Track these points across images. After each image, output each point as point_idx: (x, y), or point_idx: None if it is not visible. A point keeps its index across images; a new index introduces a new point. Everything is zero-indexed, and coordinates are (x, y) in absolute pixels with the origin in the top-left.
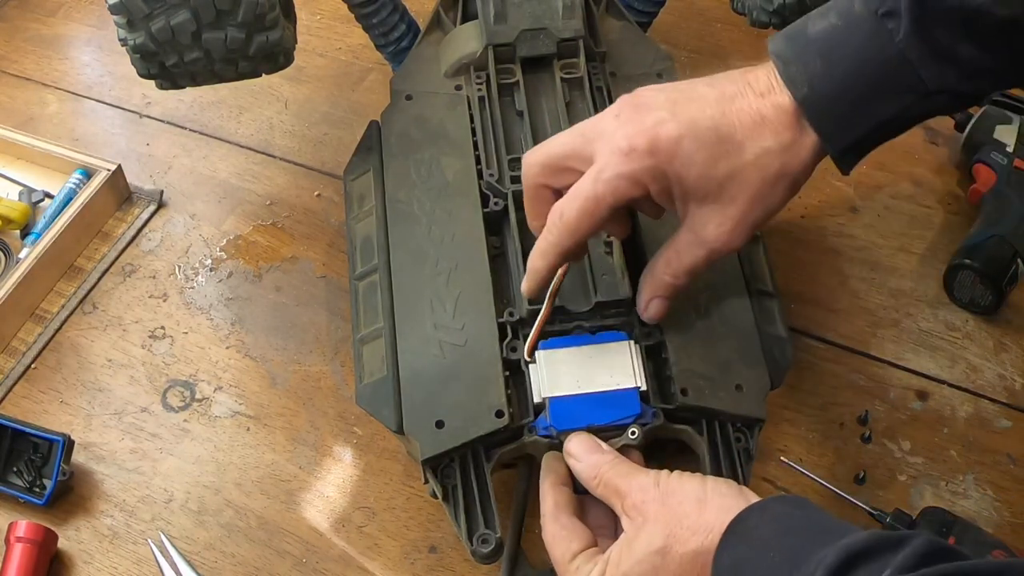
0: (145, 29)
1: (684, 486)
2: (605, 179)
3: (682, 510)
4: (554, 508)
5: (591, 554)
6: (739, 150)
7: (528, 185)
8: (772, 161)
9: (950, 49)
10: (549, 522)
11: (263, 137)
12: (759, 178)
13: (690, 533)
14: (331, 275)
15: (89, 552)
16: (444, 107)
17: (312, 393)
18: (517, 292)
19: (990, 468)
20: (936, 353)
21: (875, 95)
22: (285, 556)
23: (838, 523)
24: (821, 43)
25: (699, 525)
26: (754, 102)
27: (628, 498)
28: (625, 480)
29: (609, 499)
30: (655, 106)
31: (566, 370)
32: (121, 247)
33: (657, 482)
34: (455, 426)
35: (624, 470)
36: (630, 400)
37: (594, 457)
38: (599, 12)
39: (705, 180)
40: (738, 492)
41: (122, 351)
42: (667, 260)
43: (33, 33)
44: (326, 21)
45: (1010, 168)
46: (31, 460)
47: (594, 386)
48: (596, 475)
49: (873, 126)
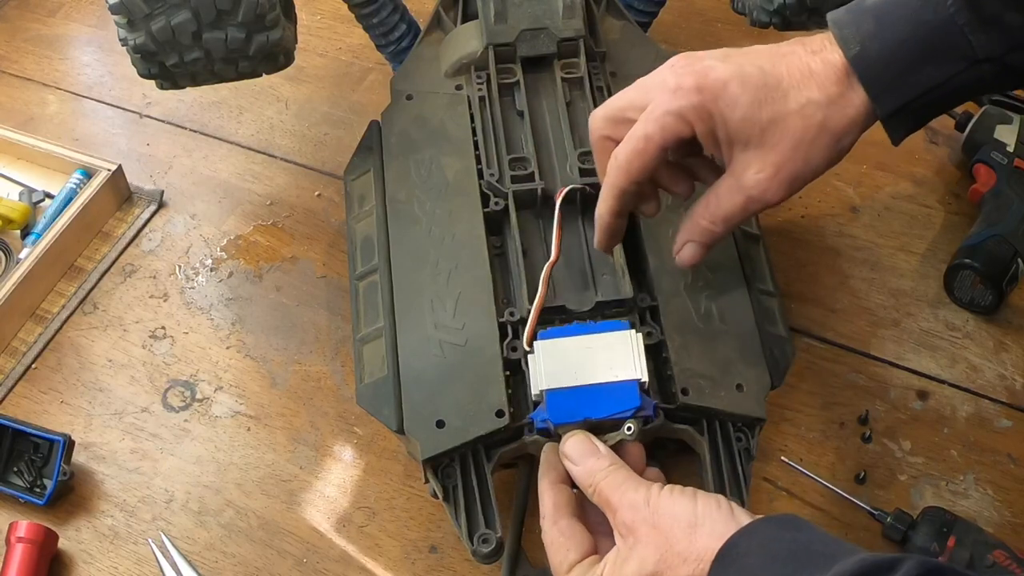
0: (145, 29)
1: (675, 507)
2: (653, 117)
3: (673, 535)
4: (553, 510)
5: (588, 565)
6: (784, 97)
7: (593, 140)
8: (816, 112)
9: (997, 16)
10: (548, 526)
11: (263, 137)
12: (801, 127)
13: (680, 560)
14: (331, 275)
15: (89, 552)
16: (444, 107)
17: (312, 393)
18: (517, 292)
19: (990, 468)
20: (936, 353)
21: (925, 58)
22: (286, 556)
23: (828, 544)
24: (876, 8)
25: (690, 552)
26: (804, 57)
27: (618, 514)
28: (617, 494)
29: (604, 508)
30: (708, 56)
31: (564, 361)
32: (121, 247)
33: (647, 500)
34: (455, 426)
35: (617, 481)
36: (629, 392)
37: (590, 462)
38: (599, 12)
39: (748, 123)
40: (728, 515)
41: (122, 351)
42: (706, 204)
43: (33, 33)
44: (326, 21)
45: (1010, 168)
46: (31, 460)
47: (593, 378)
48: (591, 483)
49: (922, 91)
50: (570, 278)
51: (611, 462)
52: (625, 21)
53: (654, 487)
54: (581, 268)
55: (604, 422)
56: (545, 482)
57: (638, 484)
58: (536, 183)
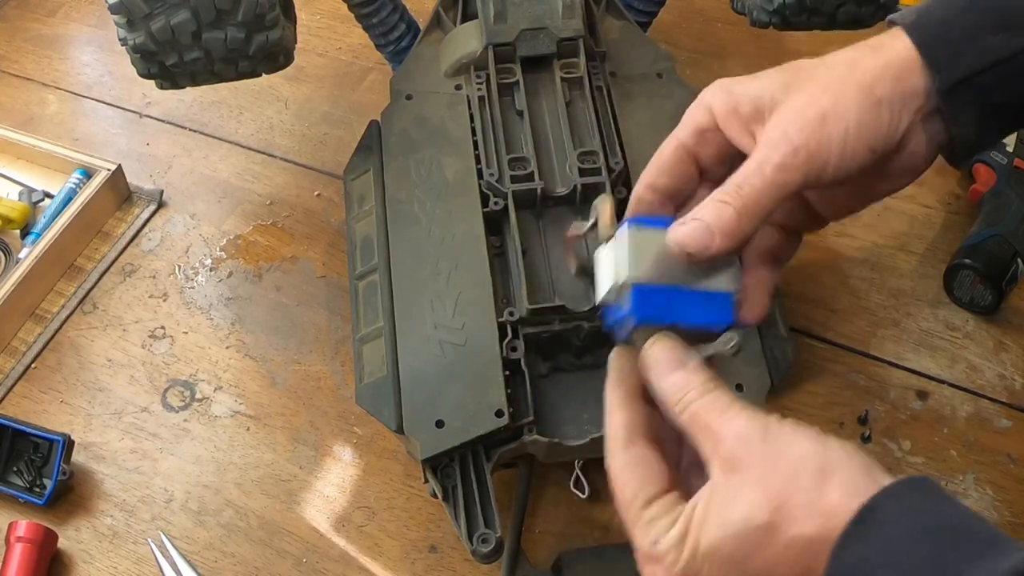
0: (145, 29)
1: (800, 446)
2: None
3: (797, 480)
4: (626, 431)
5: (669, 503)
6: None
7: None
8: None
9: None
10: (618, 450)
11: (263, 137)
12: (826, 72)
13: (805, 513)
14: (331, 275)
15: (89, 552)
16: (444, 107)
17: (312, 393)
18: (517, 292)
19: (990, 468)
20: (936, 353)
21: (989, 25)
22: (285, 556)
23: (981, 525)
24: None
25: (817, 504)
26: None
27: (723, 445)
28: (722, 420)
29: (695, 436)
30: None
31: (652, 255)
32: (121, 247)
33: (765, 433)
34: (455, 426)
35: (721, 404)
36: (723, 305)
37: (680, 376)
38: (599, 12)
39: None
40: (866, 467)
41: (122, 351)
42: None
43: (33, 33)
44: (326, 21)
45: (1010, 168)
46: (31, 460)
47: (684, 280)
48: (681, 401)
49: (986, 64)
50: (570, 278)
51: (710, 377)
52: (625, 21)
53: (772, 417)
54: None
55: (691, 334)
56: (616, 396)
57: (752, 411)
58: (536, 183)
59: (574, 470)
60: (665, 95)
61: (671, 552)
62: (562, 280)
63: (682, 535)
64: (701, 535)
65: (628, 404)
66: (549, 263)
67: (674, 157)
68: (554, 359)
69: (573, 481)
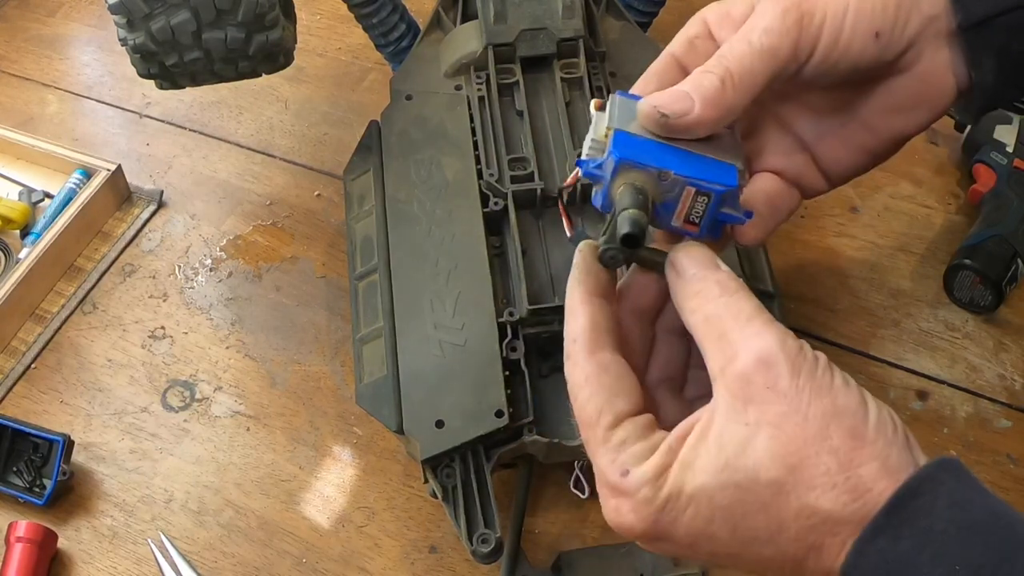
0: (145, 29)
1: (837, 395)
2: None
3: (826, 438)
4: (591, 334)
5: (643, 426)
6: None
7: None
8: None
9: None
10: (581, 357)
11: (263, 137)
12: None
13: (828, 482)
14: (331, 275)
15: (89, 552)
16: (444, 107)
17: (312, 393)
18: (517, 292)
19: (990, 468)
20: (936, 353)
21: None
22: (285, 556)
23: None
24: None
25: (846, 476)
26: None
27: (738, 363)
28: (743, 331)
29: (705, 345)
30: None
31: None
32: (121, 247)
33: (795, 363)
34: (455, 426)
35: (744, 311)
36: (726, 170)
37: (705, 272)
38: (599, 12)
39: None
40: (906, 441)
41: (122, 351)
42: None
43: (33, 33)
44: (326, 21)
45: (1010, 168)
46: (31, 460)
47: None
48: (697, 296)
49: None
50: (569, 278)
51: (739, 285)
52: (625, 21)
53: (805, 344)
54: None
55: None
56: (579, 293)
57: (782, 330)
58: (535, 183)
59: (574, 470)
60: None
61: (645, 488)
62: (562, 280)
63: (661, 469)
64: (689, 474)
65: (594, 303)
66: (549, 263)
67: (663, 65)
68: (554, 359)
69: (573, 481)
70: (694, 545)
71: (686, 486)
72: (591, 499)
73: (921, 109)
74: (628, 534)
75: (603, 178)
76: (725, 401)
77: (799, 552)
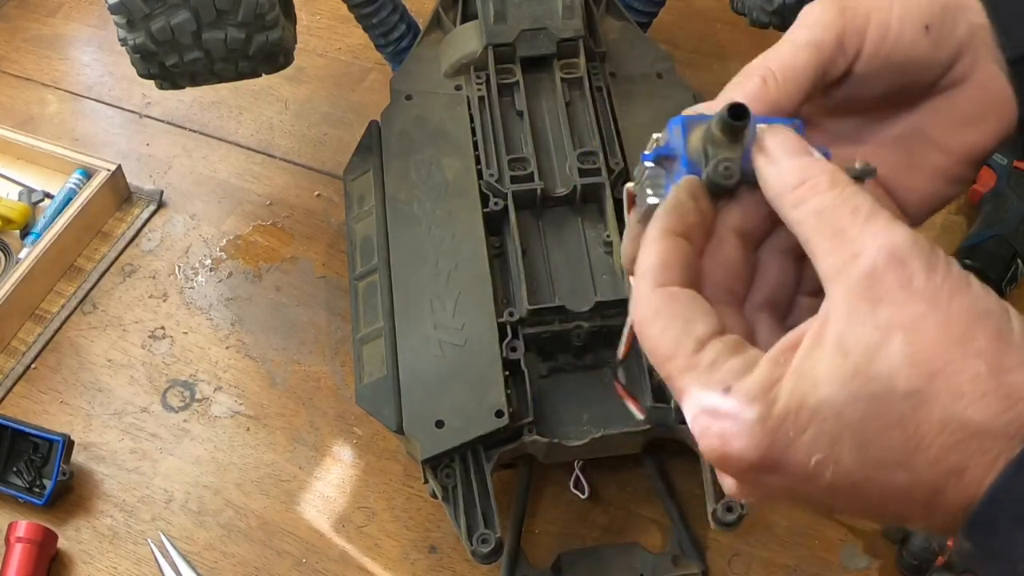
0: (145, 29)
1: (978, 295)
2: None
3: (972, 340)
4: (658, 268)
5: (732, 343)
6: None
7: None
8: None
9: None
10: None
11: (263, 137)
12: None
13: (977, 390)
14: (331, 275)
15: (89, 552)
16: (444, 107)
17: (312, 393)
18: (516, 292)
19: None
20: None
21: None
22: (285, 556)
23: None
24: None
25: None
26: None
27: (864, 260)
28: (865, 227)
29: (814, 241)
30: None
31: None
32: (121, 247)
33: (933, 264)
34: (455, 426)
35: (863, 207)
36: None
37: (806, 161)
38: (599, 12)
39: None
40: None
41: (122, 351)
42: None
43: (33, 33)
44: (326, 21)
45: (1010, 168)
46: (31, 460)
47: None
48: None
49: None
50: (570, 278)
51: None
52: (625, 21)
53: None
54: (581, 268)
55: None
56: (655, 229)
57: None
58: (535, 183)
59: (574, 470)
60: (665, 95)
61: (756, 404)
62: (562, 280)
63: (770, 382)
64: (809, 384)
65: (670, 240)
66: (549, 263)
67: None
68: (554, 359)
69: (573, 482)
70: (814, 476)
71: (807, 399)
72: (591, 499)
73: (989, 119)
74: (736, 466)
75: (675, 149)
76: (846, 303)
77: (936, 479)
